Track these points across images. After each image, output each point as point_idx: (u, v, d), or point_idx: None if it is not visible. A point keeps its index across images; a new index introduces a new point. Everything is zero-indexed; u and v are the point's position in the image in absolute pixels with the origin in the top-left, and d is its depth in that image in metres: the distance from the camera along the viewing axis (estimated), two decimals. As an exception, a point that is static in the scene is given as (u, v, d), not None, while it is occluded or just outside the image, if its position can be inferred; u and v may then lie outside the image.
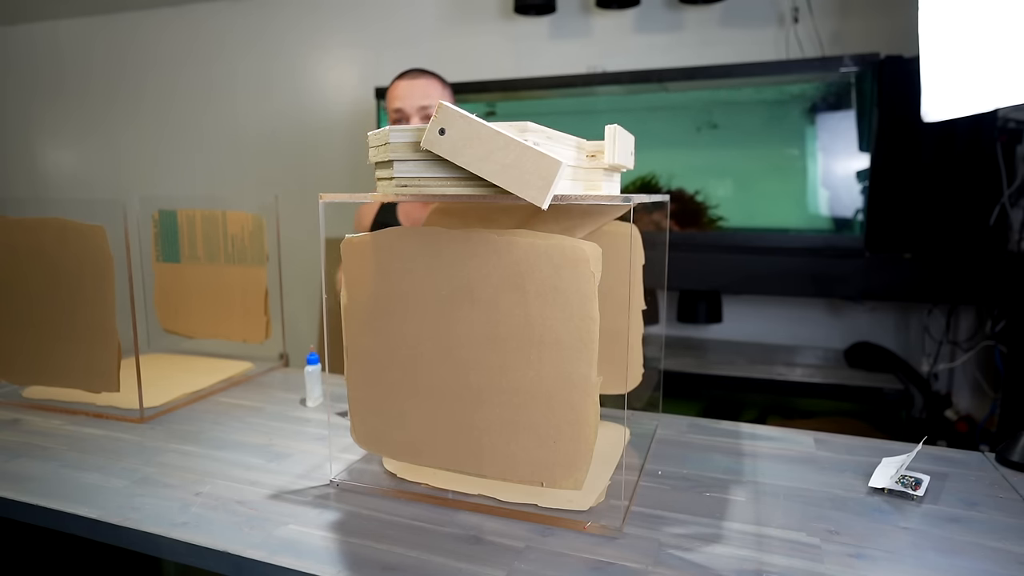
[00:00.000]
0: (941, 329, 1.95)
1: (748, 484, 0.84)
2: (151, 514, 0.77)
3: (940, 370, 1.98)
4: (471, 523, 0.75)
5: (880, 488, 0.81)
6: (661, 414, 1.08)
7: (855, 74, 1.79)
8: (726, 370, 1.85)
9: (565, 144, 0.73)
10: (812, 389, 1.77)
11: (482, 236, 0.71)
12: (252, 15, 2.79)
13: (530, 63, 2.36)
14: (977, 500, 0.80)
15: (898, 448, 0.94)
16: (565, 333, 0.69)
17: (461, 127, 0.65)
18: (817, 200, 2.01)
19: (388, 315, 0.78)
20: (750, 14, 2.10)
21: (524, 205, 0.67)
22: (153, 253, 1.43)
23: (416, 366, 0.77)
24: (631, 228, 0.88)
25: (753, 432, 1.03)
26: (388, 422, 0.81)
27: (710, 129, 2.10)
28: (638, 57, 2.23)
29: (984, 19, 0.94)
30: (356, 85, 2.65)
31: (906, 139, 1.70)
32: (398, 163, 0.70)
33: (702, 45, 2.16)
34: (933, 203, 1.68)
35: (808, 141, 2.01)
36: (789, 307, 2.15)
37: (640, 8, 2.16)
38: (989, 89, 0.95)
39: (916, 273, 1.69)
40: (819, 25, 2.02)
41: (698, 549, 0.69)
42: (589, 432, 0.71)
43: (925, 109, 1.03)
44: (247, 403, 1.18)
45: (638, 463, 0.91)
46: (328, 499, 0.81)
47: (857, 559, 0.67)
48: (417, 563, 0.67)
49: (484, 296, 0.72)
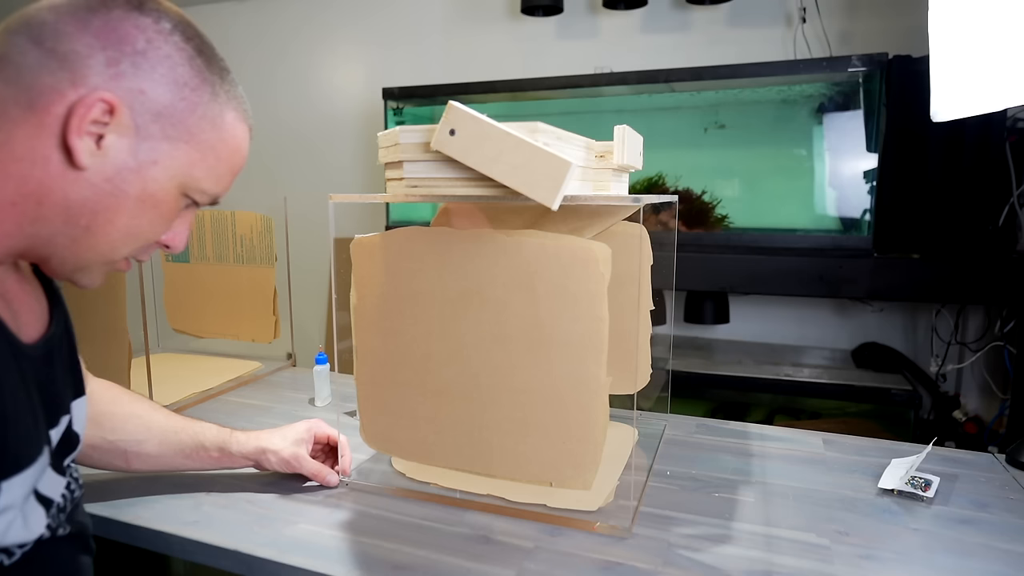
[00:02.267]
0: (949, 330, 1.95)
1: (757, 485, 0.84)
2: (162, 513, 0.77)
3: (948, 371, 1.97)
4: (480, 523, 0.75)
5: (890, 489, 0.81)
6: (669, 414, 1.08)
7: (863, 74, 1.78)
8: (733, 370, 1.85)
9: (575, 144, 0.73)
10: (819, 389, 1.76)
11: (491, 237, 0.71)
12: (259, 15, 2.80)
13: (537, 63, 2.36)
14: (987, 501, 0.79)
15: (907, 449, 0.94)
16: (574, 333, 0.69)
17: (471, 128, 0.65)
18: (825, 200, 2.00)
19: (398, 315, 0.78)
20: (758, 14, 2.10)
21: (533, 206, 0.67)
22: (163, 253, 1.43)
23: (426, 366, 0.78)
24: (640, 229, 0.88)
25: (761, 433, 1.03)
26: (397, 422, 0.82)
27: (717, 129, 2.10)
28: (645, 57, 2.23)
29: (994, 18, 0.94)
30: (364, 85, 2.66)
31: (915, 139, 1.69)
32: (408, 164, 0.71)
33: (709, 45, 2.15)
34: (941, 203, 1.67)
35: (816, 141, 2.00)
36: (796, 307, 2.14)
37: (647, 8, 2.16)
38: (999, 88, 0.95)
39: (924, 273, 1.68)
40: (827, 25, 2.02)
41: (707, 550, 0.69)
42: (598, 432, 0.71)
43: (934, 109, 1.03)
44: (256, 402, 1.19)
45: (647, 463, 0.91)
46: (338, 498, 0.81)
47: (867, 560, 0.67)
48: (426, 562, 0.67)
49: (493, 296, 0.72)
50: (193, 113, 0.54)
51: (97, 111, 0.49)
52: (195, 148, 0.55)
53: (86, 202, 0.51)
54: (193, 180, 0.56)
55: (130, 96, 0.50)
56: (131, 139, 0.51)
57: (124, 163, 0.51)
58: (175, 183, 0.55)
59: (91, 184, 0.51)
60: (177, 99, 0.53)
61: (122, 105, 0.50)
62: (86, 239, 0.53)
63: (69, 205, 0.51)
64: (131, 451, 0.78)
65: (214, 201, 0.60)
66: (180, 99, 0.53)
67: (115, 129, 0.50)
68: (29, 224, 0.51)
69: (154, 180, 0.53)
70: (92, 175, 0.50)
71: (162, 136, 0.52)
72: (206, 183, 0.57)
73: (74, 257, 0.54)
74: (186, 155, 0.54)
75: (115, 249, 0.55)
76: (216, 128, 0.56)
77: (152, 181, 0.53)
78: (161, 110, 0.52)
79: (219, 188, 0.59)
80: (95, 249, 0.54)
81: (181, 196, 0.56)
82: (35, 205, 0.50)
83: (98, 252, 0.54)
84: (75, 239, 0.53)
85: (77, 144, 0.49)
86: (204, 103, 0.54)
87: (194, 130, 0.54)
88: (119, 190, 0.52)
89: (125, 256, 0.57)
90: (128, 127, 0.51)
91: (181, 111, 0.53)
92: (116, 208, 0.52)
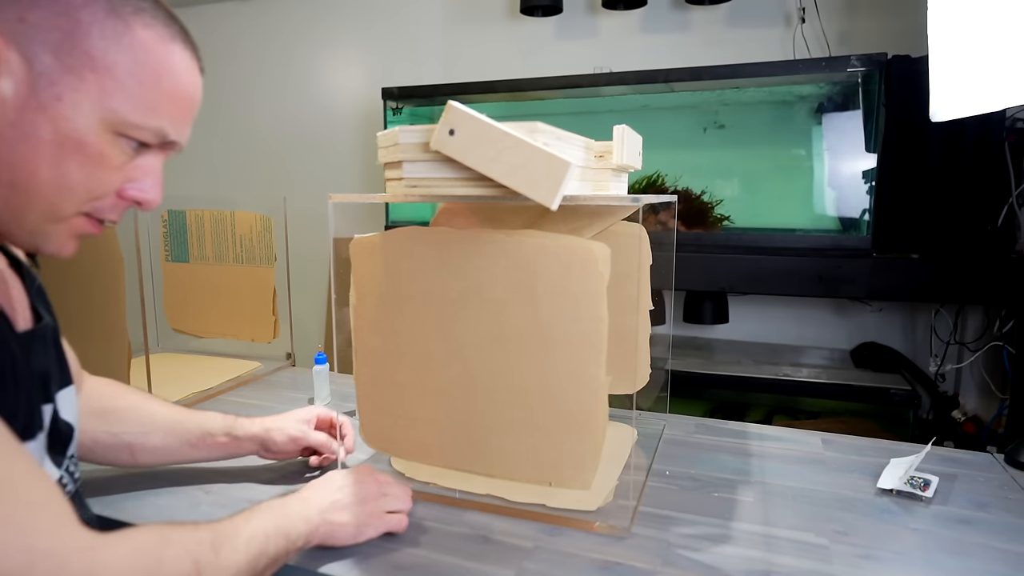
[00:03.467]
0: (948, 330, 1.95)
1: (756, 484, 0.84)
2: (160, 511, 0.77)
3: (947, 371, 1.97)
4: (480, 523, 0.75)
5: (889, 489, 0.81)
6: (668, 414, 1.08)
7: (862, 74, 1.78)
8: (732, 370, 1.85)
9: (574, 144, 0.73)
10: (818, 389, 1.76)
11: (491, 236, 0.71)
12: (259, 15, 2.80)
13: (536, 64, 2.36)
14: (986, 501, 0.79)
15: (906, 449, 0.94)
16: (574, 333, 0.69)
17: (471, 128, 0.65)
18: (824, 200, 2.00)
19: (397, 315, 0.78)
20: (757, 14, 2.10)
21: (532, 206, 0.67)
22: (162, 253, 1.43)
23: (425, 366, 0.78)
24: (639, 229, 0.88)
25: (761, 432, 1.03)
26: (397, 422, 0.82)
27: (717, 129, 2.10)
28: (644, 57, 2.23)
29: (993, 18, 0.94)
30: (363, 85, 2.66)
31: (914, 139, 1.69)
32: (408, 164, 0.71)
33: (708, 45, 2.16)
34: (941, 203, 1.67)
35: (815, 141, 2.00)
36: (795, 307, 2.14)
37: (646, 8, 2.16)
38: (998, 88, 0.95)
39: (923, 273, 1.68)
40: (826, 25, 2.02)
41: (706, 549, 0.69)
42: (597, 432, 0.71)
43: (933, 109, 1.03)
44: (256, 402, 1.18)
45: (646, 463, 0.91)
46: (337, 498, 0.81)
47: (866, 560, 0.67)
48: (426, 562, 0.67)
49: (493, 296, 0.72)
50: (88, 35, 0.47)
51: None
52: (105, 75, 0.48)
53: (0, 155, 0.47)
54: (115, 114, 0.49)
55: (7, 27, 0.45)
56: (26, 76, 0.46)
57: (26, 104, 0.46)
58: (94, 120, 0.48)
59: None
60: (64, 20, 0.46)
61: (3, 40, 0.45)
62: (15, 197, 0.48)
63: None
64: (136, 444, 0.78)
65: (167, 141, 0.54)
66: (67, 20, 0.46)
67: (5, 69, 0.45)
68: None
69: (65, 119, 0.47)
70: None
71: (60, 67, 0.46)
72: (136, 116, 0.50)
73: (16, 220, 0.50)
74: (96, 85, 0.48)
75: (55, 205, 0.50)
76: (127, 48, 0.49)
77: (63, 120, 0.47)
78: (48, 37, 0.46)
79: (159, 121, 0.52)
80: (32, 207, 0.49)
81: (113, 135, 0.50)
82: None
83: (38, 211, 0.49)
84: (6, 199, 0.48)
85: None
86: (99, 21, 0.47)
87: (95, 54, 0.47)
88: (29, 135, 0.46)
89: (75, 213, 0.52)
90: (15, 63, 0.45)
91: (72, 34, 0.47)
92: (33, 156, 0.47)
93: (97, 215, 0.53)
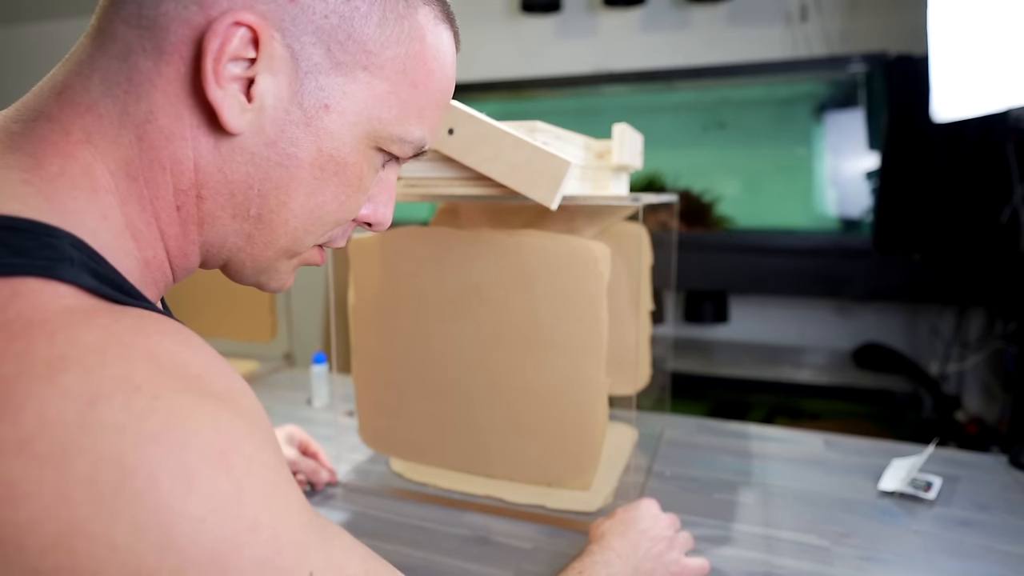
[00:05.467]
0: (951, 330, 1.94)
1: (757, 486, 0.84)
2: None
3: (950, 372, 1.97)
4: (479, 524, 0.75)
5: (891, 490, 0.81)
6: (668, 415, 1.08)
7: (864, 73, 1.78)
8: (733, 371, 1.85)
9: (574, 144, 0.73)
10: (820, 390, 1.76)
11: (490, 236, 0.71)
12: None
13: (536, 62, 2.36)
14: (989, 503, 0.79)
15: (908, 450, 0.93)
16: (574, 333, 0.69)
17: (470, 127, 0.64)
18: (825, 200, 2.00)
19: (396, 315, 0.78)
20: (758, 13, 2.09)
21: (532, 205, 0.66)
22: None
23: (424, 366, 0.77)
24: (640, 228, 0.87)
25: (761, 433, 1.02)
26: (395, 422, 0.81)
27: (717, 128, 2.10)
28: (645, 56, 2.23)
29: (995, 18, 0.94)
30: (362, 85, 2.66)
31: (916, 139, 1.68)
32: (406, 163, 0.70)
33: (709, 44, 2.15)
34: (943, 203, 1.67)
35: (816, 141, 2.00)
36: (797, 308, 2.14)
37: (647, 7, 2.15)
38: (1000, 89, 0.95)
39: (925, 274, 1.68)
40: (827, 23, 2.01)
41: (707, 551, 0.68)
42: (597, 433, 0.70)
43: (936, 109, 1.02)
44: (254, 402, 1.18)
45: (646, 464, 0.91)
46: (335, 499, 0.81)
47: (868, 562, 0.66)
48: (424, 564, 0.67)
49: (492, 296, 0.72)
50: (367, 20, 0.36)
51: (237, 42, 0.33)
52: (377, 75, 0.37)
53: (250, 182, 0.37)
54: (380, 124, 0.39)
55: (277, 11, 0.34)
56: (290, 77, 0.35)
57: (288, 115, 0.36)
58: (358, 133, 0.38)
59: (251, 155, 0.36)
60: (341, 2, 0.35)
61: (268, 27, 0.34)
62: (260, 234, 0.39)
63: (232, 192, 0.37)
64: None
65: (418, 151, 0.43)
66: (345, 2, 0.35)
67: (266, 66, 0.34)
68: (197, 231, 0.38)
69: (330, 135, 0.37)
70: (249, 141, 0.36)
71: (330, 65, 0.36)
72: (400, 125, 0.39)
73: (252, 260, 0.41)
74: (366, 87, 0.37)
75: (298, 240, 0.40)
76: (405, 38, 0.38)
77: (328, 136, 0.37)
78: (322, 23, 0.35)
79: (423, 130, 0.41)
80: (274, 245, 0.40)
81: (372, 151, 0.40)
82: (196, 202, 0.37)
83: (278, 248, 0.40)
84: (249, 236, 0.39)
85: (219, 98, 0.34)
86: (382, 1, 0.36)
87: (371, 47, 0.37)
88: (289, 157, 0.36)
89: (314, 245, 0.42)
90: (283, 59, 0.35)
91: (351, 19, 0.36)
92: (288, 184, 0.37)
93: (330, 244, 0.44)
